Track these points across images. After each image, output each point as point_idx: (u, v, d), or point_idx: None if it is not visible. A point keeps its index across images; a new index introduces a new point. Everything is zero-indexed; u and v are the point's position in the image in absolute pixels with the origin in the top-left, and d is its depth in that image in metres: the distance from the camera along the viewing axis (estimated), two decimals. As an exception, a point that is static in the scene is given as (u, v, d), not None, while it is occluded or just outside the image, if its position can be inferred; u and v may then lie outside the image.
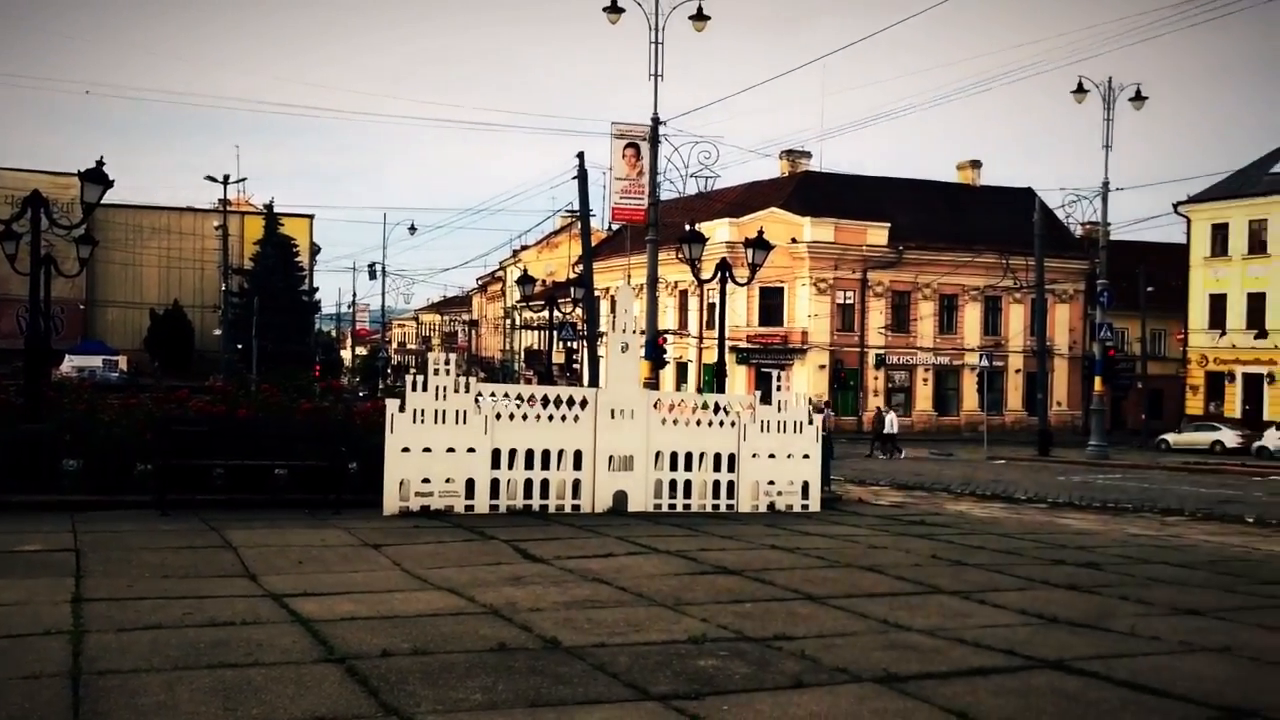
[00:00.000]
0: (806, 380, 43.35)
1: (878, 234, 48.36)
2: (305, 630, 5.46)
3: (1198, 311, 50.04)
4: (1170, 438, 41.63)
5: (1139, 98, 29.28)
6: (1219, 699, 4.62)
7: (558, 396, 11.74)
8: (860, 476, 21.01)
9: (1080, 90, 29.14)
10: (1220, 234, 49.23)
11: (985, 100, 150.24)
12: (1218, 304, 49.21)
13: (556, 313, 31.30)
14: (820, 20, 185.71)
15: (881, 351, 49.06)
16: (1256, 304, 47.55)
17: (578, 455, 11.30)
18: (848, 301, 48.19)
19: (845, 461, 27.42)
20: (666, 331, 36.72)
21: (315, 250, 61.59)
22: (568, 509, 11.16)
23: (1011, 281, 43.79)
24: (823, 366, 46.78)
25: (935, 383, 51.63)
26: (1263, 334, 46.62)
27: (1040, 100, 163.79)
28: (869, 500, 15.38)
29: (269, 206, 55.09)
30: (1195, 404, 48.84)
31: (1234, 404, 47.43)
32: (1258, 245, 47.97)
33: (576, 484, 11.31)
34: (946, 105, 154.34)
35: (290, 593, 6.39)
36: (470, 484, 10.82)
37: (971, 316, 51.94)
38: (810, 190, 49.68)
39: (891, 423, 34.01)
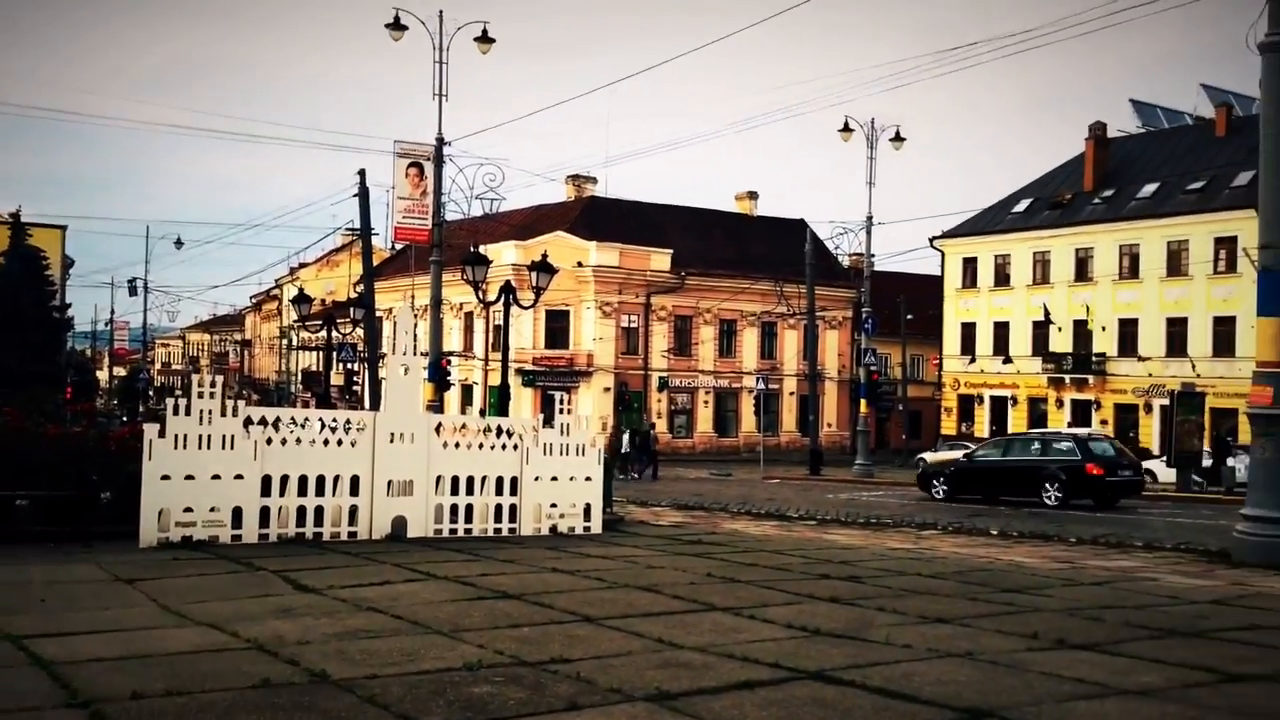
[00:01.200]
0: (592, 403, 43.77)
1: (661, 259, 49.57)
2: (46, 674, 5.06)
3: (951, 338, 53.85)
4: (927, 456, 44.50)
5: (898, 138, 31.32)
6: (960, 701, 4.97)
7: (334, 420, 11.40)
8: (642, 498, 21.38)
9: (846, 129, 30.89)
10: (970, 267, 53.25)
11: (763, 134, 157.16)
12: (969, 332, 53.12)
13: (336, 333, 30.32)
14: (609, 48, 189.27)
15: (665, 374, 50.20)
16: (1001, 332, 51.66)
17: (355, 480, 10.99)
18: (632, 325, 49.07)
19: (632, 482, 27.93)
20: (451, 353, 36.21)
21: (68, 263, 57.29)
22: (344, 536, 10.82)
23: (785, 308, 45.75)
24: (608, 389, 47.38)
25: (716, 405, 53.22)
26: (1007, 360, 50.66)
27: (814, 136, 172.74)
28: (650, 521, 15.67)
29: (15, 216, 50.93)
30: (949, 424, 52.45)
31: (983, 424, 51.22)
32: (1002, 278, 52.14)
33: (354, 510, 10.99)
34: (726, 137, 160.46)
35: (31, 634, 5.90)
36: (238, 512, 10.33)
37: (749, 341, 53.92)
38: (596, 215, 50.42)
39: (628, 442, 33.37)
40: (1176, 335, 46.95)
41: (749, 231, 56.81)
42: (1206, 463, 28.37)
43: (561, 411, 12.66)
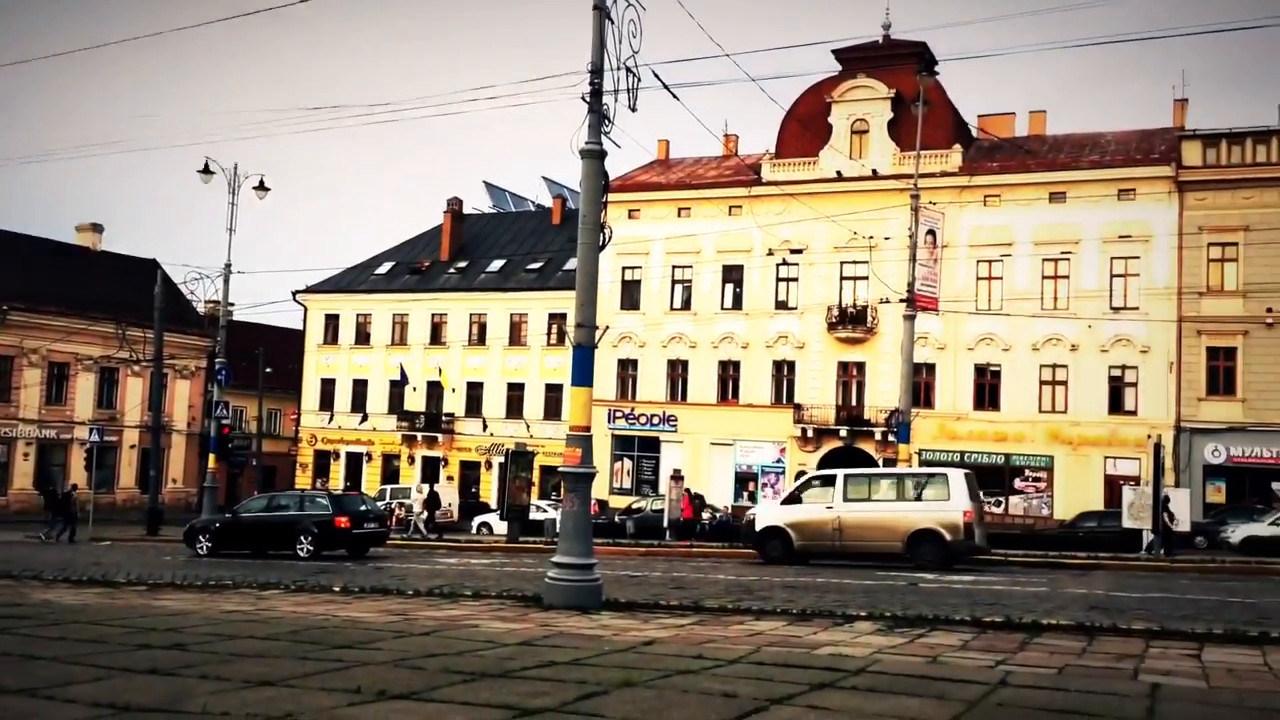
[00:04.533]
0: None
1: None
2: None
3: (310, 393, 53.69)
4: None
5: (262, 187, 30.77)
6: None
7: None
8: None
9: (207, 170, 29.64)
10: (333, 323, 53.77)
11: (114, 164, 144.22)
12: (328, 387, 53.41)
13: None
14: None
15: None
16: (360, 389, 52.74)
17: None
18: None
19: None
20: None
21: None
22: None
23: (129, 354, 42.20)
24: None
25: (39, 457, 47.15)
26: (365, 417, 51.73)
27: (173, 174, 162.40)
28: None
29: None
30: (304, 480, 52.02)
31: (338, 479, 51.61)
32: (363, 337, 53.36)
33: None
34: (67, 162, 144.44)
35: None
36: None
37: (84, 387, 48.79)
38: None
39: None
40: (515, 399, 51.65)
41: (90, 267, 51.76)
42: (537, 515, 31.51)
43: None
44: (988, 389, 43.73)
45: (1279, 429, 38.95)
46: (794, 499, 23.87)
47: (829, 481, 23.67)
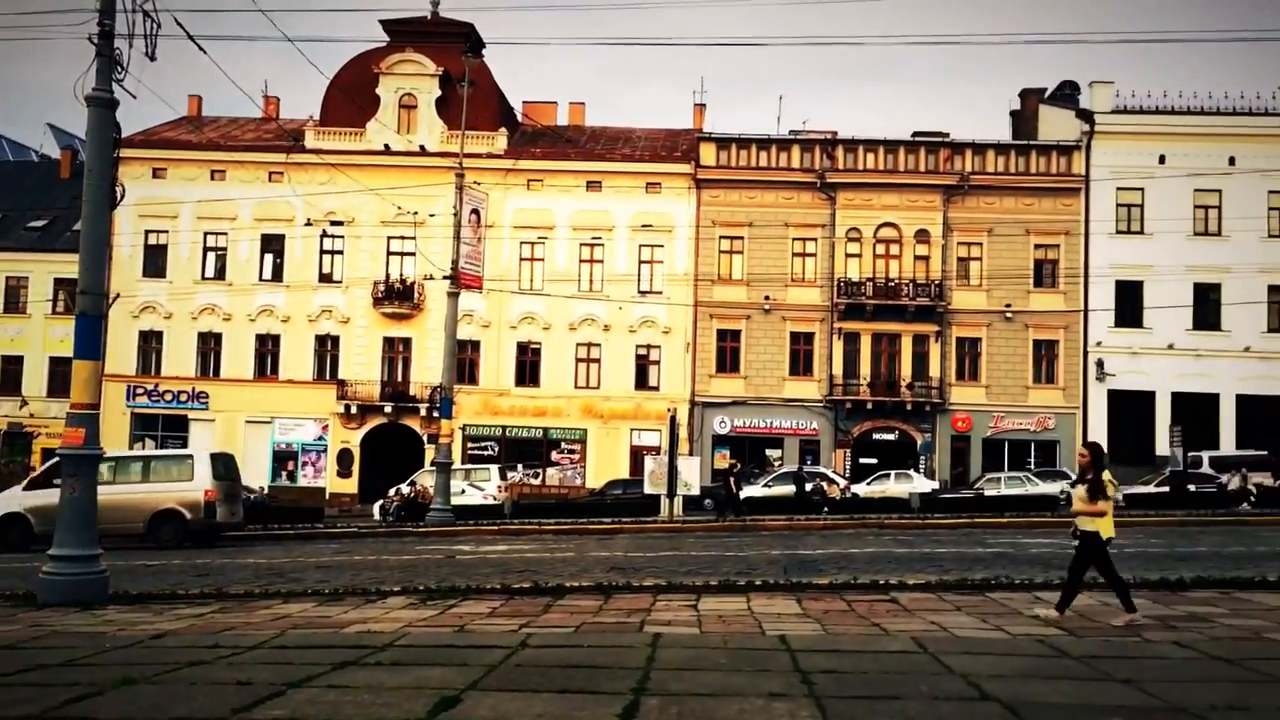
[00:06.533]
0: None
1: None
2: None
3: None
4: None
5: None
6: None
7: None
8: None
9: None
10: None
11: None
12: None
13: None
14: None
15: None
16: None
17: None
18: None
19: None
20: None
21: None
22: None
23: None
24: None
25: None
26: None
27: None
28: None
29: None
30: None
31: None
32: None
33: None
34: None
35: None
36: None
37: None
38: None
39: None
40: (13, 373, 45.59)
41: None
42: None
43: None
44: (529, 366, 45.50)
45: (772, 402, 44.44)
46: (39, 484, 22.23)
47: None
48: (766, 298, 44.88)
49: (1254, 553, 16.05)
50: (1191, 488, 32.83)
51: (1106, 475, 8.91)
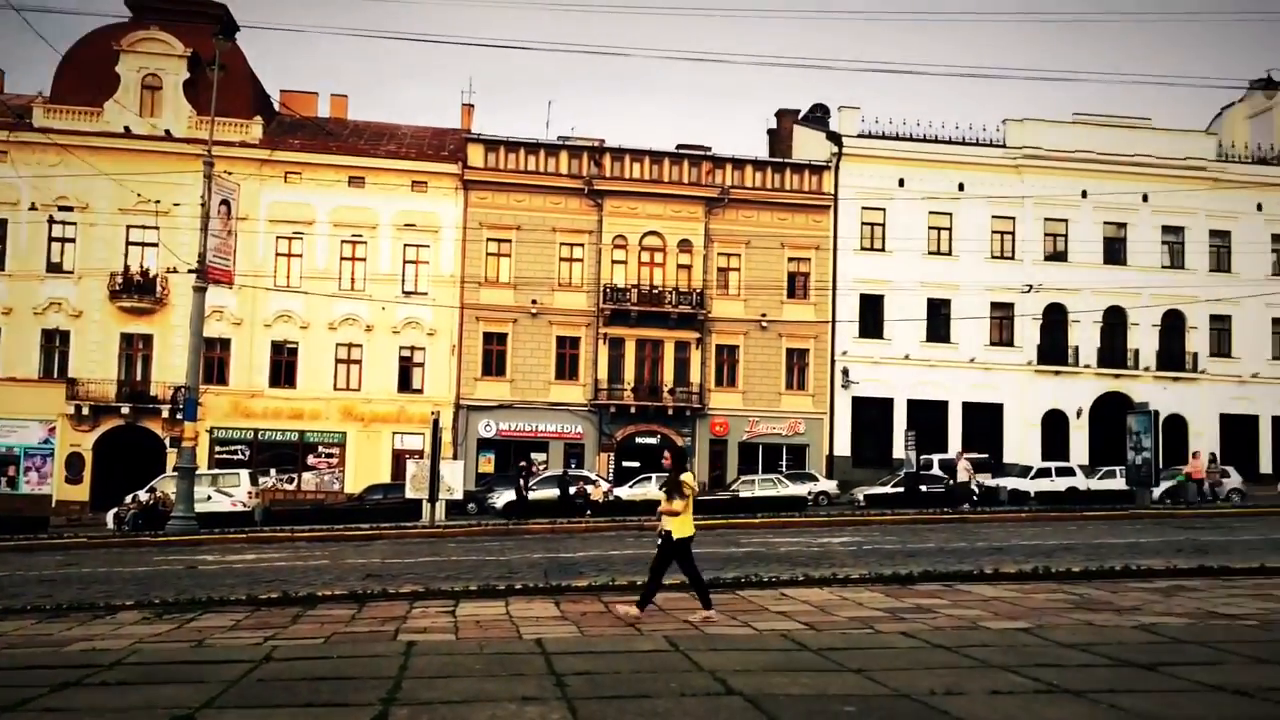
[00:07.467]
0: None
1: None
2: None
3: None
4: None
5: None
6: None
7: None
8: None
9: None
10: None
11: None
12: None
13: None
14: None
15: None
16: None
17: None
18: None
19: None
20: None
21: None
22: None
23: None
24: None
25: None
26: None
27: None
28: None
29: None
30: None
31: None
32: None
33: None
34: None
35: None
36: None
37: None
38: None
39: None
40: None
41: None
42: None
43: None
44: (285, 366, 43.58)
45: (538, 406, 44.54)
46: None
47: None
48: (534, 301, 44.96)
49: (974, 548, 17.46)
50: (923, 488, 35.38)
51: (686, 477, 9.25)
